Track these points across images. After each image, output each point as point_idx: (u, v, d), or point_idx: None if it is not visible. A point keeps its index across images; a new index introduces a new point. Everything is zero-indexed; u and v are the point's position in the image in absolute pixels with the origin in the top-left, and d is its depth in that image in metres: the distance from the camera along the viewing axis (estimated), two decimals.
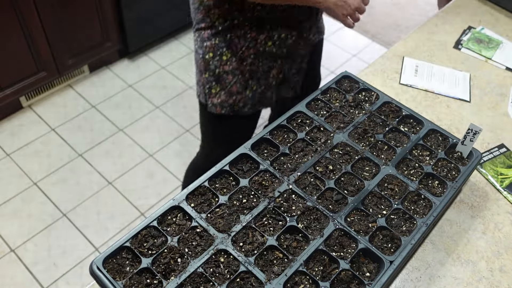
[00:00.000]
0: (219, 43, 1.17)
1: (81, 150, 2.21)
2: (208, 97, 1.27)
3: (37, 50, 2.13)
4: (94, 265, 0.71)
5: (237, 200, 0.81)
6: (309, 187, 0.84)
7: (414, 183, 0.86)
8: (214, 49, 1.19)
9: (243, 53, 1.17)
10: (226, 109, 1.26)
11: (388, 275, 0.73)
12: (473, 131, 0.88)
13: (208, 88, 1.25)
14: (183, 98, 2.52)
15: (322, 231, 0.78)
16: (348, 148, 0.91)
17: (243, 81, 1.22)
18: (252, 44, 1.16)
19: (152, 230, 0.76)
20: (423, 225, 0.80)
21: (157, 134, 2.32)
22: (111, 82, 2.56)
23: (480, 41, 1.31)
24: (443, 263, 0.84)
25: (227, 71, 1.20)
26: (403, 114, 0.99)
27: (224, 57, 1.19)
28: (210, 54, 1.20)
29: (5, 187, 2.04)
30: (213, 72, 1.22)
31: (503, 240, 0.88)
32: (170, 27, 2.75)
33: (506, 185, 0.97)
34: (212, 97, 1.26)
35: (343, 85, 1.05)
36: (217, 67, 1.21)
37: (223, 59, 1.19)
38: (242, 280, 0.71)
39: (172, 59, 2.74)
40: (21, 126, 2.29)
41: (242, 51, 1.17)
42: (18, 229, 1.90)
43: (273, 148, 0.91)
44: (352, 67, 2.78)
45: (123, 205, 2.02)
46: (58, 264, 1.82)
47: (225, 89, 1.23)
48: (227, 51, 1.18)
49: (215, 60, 1.20)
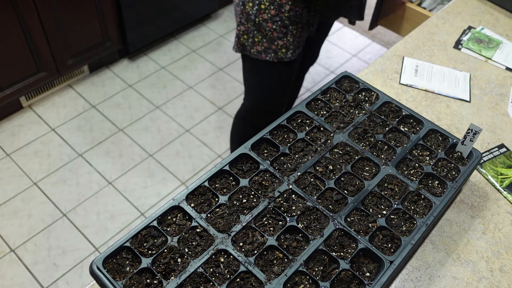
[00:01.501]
0: None
1: (81, 150, 2.21)
2: (252, 46, 1.37)
3: (37, 50, 2.13)
4: (94, 265, 0.71)
5: (237, 200, 0.81)
6: (309, 187, 0.84)
7: (414, 183, 0.86)
8: None
9: (280, 0, 1.24)
10: (270, 56, 1.36)
11: (388, 275, 0.73)
12: (473, 131, 0.88)
13: (252, 37, 1.35)
14: (183, 98, 2.52)
15: (322, 231, 0.78)
16: (348, 148, 0.91)
17: (283, 27, 1.30)
18: None
19: (152, 230, 0.76)
20: (423, 225, 0.80)
21: (157, 134, 2.33)
22: (111, 82, 2.56)
23: (480, 41, 1.31)
24: (443, 263, 0.84)
25: (266, 19, 1.29)
26: (403, 114, 0.99)
27: (263, 6, 1.27)
28: (250, 4, 1.28)
29: (5, 187, 2.04)
30: (253, 21, 1.31)
31: (503, 240, 0.88)
32: (170, 27, 2.75)
33: (506, 185, 0.97)
34: (256, 45, 1.36)
35: (343, 85, 1.05)
36: (256, 16, 1.29)
37: (262, 8, 1.27)
38: (242, 280, 0.71)
39: (172, 59, 2.74)
40: (21, 126, 2.29)
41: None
42: (18, 229, 1.90)
43: (273, 148, 0.91)
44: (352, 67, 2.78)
45: (123, 205, 2.02)
46: (58, 264, 1.82)
47: (266, 37, 1.32)
48: (265, 0, 1.25)
49: (254, 9, 1.28)
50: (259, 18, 1.29)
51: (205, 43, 2.86)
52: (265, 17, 1.29)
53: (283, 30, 1.31)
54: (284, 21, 1.29)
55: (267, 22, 1.30)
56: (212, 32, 2.94)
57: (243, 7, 1.31)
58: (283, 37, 1.32)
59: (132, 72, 2.62)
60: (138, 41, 2.61)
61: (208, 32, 2.94)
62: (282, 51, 1.35)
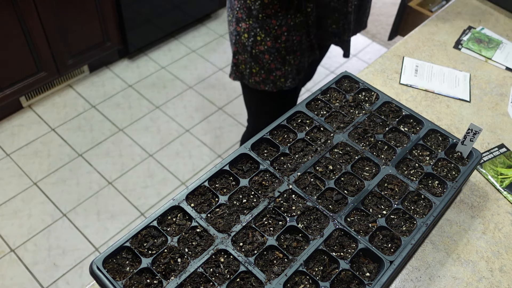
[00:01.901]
0: (253, 24, 1.21)
1: (81, 150, 2.21)
2: (250, 76, 1.33)
3: (37, 50, 2.13)
4: (94, 265, 0.71)
5: (237, 200, 0.81)
6: (309, 187, 0.84)
7: (414, 183, 0.86)
8: (249, 30, 1.22)
9: (276, 31, 1.21)
10: (269, 86, 1.32)
11: (388, 275, 0.73)
12: (473, 131, 0.88)
13: (249, 68, 1.31)
14: (183, 98, 2.52)
15: (322, 231, 0.78)
16: (348, 148, 0.91)
17: (280, 58, 1.26)
18: (284, 21, 1.19)
19: (152, 230, 0.76)
20: (423, 225, 0.80)
21: (157, 134, 2.33)
22: (111, 82, 2.56)
23: (480, 41, 1.31)
24: (443, 263, 0.84)
25: (263, 51, 1.25)
26: (403, 114, 0.99)
27: (259, 38, 1.23)
28: (245, 35, 1.24)
29: (5, 187, 2.04)
30: (250, 53, 1.27)
31: (503, 240, 0.88)
32: (170, 27, 2.75)
33: (506, 185, 0.97)
34: (254, 76, 1.32)
35: (343, 85, 1.05)
36: (253, 48, 1.25)
37: (258, 39, 1.23)
38: (242, 280, 0.71)
39: (172, 59, 2.74)
40: (21, 126, 2.29)
41: (275, 30, 1.20)
42: (18, 229, 1.90)
43: (273, 148, 0.91)
44: (352, 67, 2.78)
45: (123, 205, 2.02)
46: (58, 264, 1.82)
47: (264, 68, 1.29)
48: (261, 32, 1.22)
49: (249, 41, 1.24)
50: (256, 50, 1.25)
51: (205, 43, 2.86)
52: (261, 49, 1.24)
53: (280, 61, 1.26)
54: (281, 52, 1.24)
55: (264, 54, 1.25)
56: (212, 32, 2.94)
57: (239, 37, 1.27)
58: (281, 67, 1.28)
59: (132, 72, 2.62)
60: (138, 41, 2.61)
61: (208, 32, 2.94)
62: (281, 81, 1.31)
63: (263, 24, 1.20)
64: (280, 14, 1.18)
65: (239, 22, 1.24)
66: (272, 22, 1.19)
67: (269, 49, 1.24)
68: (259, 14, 1.18)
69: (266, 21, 1.19)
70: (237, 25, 1.25)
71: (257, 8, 1.17)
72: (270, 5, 1.16)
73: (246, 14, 1.20)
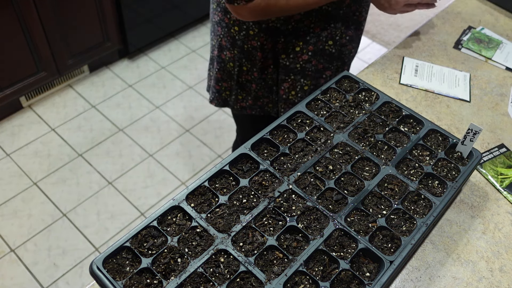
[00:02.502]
0: (238, 54, 1.15)
1: (81, 150, 2.21)
2: (235, 103, 1.27)
3: (37, 50, 2.13)
4: (94, 265, 0.71)
5: (237, 200, 0.81)
6: (309, 187, 0.84)
7: (414, 183, 0.86)
8: (234, 59, 1.17)
9: (262, 64, 1.16)
10: (256, 111, 1.27)
11: (388, 275, 0.73)
12: (473, 131, 0.88)
13: (234, 95, 1.25)
14: (183, 98, 2.52)
15: (322, 231, 0.78)
16: (348, 148, 0.91)
17: (267, 87, 1.21)
18: (270, 55, 1.14)
19: (152, 230, 0.76)
20: (423, 225, 0.80)
21: (157, 134, 2.33)
22: (111, 82, 2.56)
23: (480, 41, 1.31)
24: (443, 263, 0.84)
25: (250, 80, 1.20)
26: (403, 114, 0.99)
27: (245, 68, 1.18)
28: (231, 63, 1.19)
29: (5, 187, 2.04)
30: (236, 81, 1.21)
31: (503, 240, 0.88)
32: (170, 27, 2.75)
33: (506, 185, 0.97)
34: (240, 102, 1.26)
35: (343, 85, 1.04)
36: (239, 77, 1.20)
37: (244, 69, 1.18)
38: (242, 280, 0.71)
39: (172, 59, 2.74)
40: (21, 126, 2.29)
41: (261, 62, 1.15)
42: (18, 229, 1.90)
43: (273, 148, 0.91)
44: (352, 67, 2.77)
45: (123, 205, 2.02)
46: (58, 264, 1.82)
47: (251, 95, 1.23)
48: (247, 63, 1.16)
49: (235, 70, 1.19)
50: (242, 78, 1.20)
51: (205, 43, 2.86)
52: (248, 78, 1.19)
53: (268, 90, 1.22)
54: (268, 82, 1.19)
55: (251, 83, 1.20)
56: None
57: (223, 65, 1.21)
58: (269, 95, 1.23)
59: (132, 72, 2.62)
60: (138, 41, 2.61)
61: (208, 32, 2.94)
62: (269, 106, 1.26)
63: (248, 55, 1.14)
64: (266, 47, 1.11)
65: (223, 50, 1.18)
66: (258, 55, 1.13)
67: (256, 79, 1.19)
68: (244, 45, 1.12)
69: (252, 53, 1.13)
70: (221, 52, 1.19)
71: (242, 38, 1.11)
72: (256, 37, 1.10)
73: (231, 43, 1.14)
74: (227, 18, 1.11)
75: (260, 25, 1.08)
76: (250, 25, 1.09)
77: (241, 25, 1.10)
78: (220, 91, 1.28)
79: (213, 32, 1.21)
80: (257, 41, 1.11)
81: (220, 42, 1.18)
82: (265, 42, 1.11)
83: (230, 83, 1.24)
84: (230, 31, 1.12)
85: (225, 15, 1.11)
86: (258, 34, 1.09)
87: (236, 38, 1.12)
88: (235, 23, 1.10)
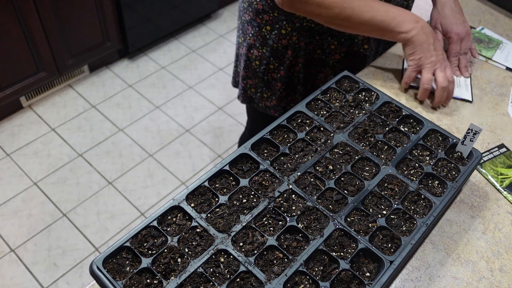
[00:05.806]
0: (267, 53, 1.16)
1: (81, 150, 2.21)
2: (260, 101, 1.28)
3: (37, 50, 2.13)
4: (94, 265, 0.71)
5: (237, 200, 0.81)
6: (309, 187, 0.84)
7: (414, 183, 0.86)
8: (261, 58, 1.17)
9: (290, 62, 1.16)
10: (279, 112, 1.28)
11: (388, 275, 0.73)
12: (473, 131, 0.88)
13: (260, 93, 1.27)
14: (183, 98, 2.52)
15: (322, 231, 0.78)
16: (348, 148, 0.91)
17: (292, 86, 1.22)
18: (301, 53, 1.14)
19: (152, 230, 0.76)
20: (423, 225, 0.80)
21: (157, 134, 2.33)
22: (111, 82, 2.56)
23: (480, 41, 1.31)
24: (443, 263, 0.84)
25: (276, 78, 1.21)
26: (403, 114, 0.99)
27: (271, 66, 1.18)
28: (257, 62, 1.19)
29: (5, 187, 2.04)
30: (261, 78, 1.22)
31: (503, 240, 0.88)
32: (170, 27, 2.76)
33: (506, 185, 0.97)
34: (265, 100, 1.27)
35: (343, 85, 1.04)
36: (265, 75, 1.21)
37: (270, 68, 1.18)
38: (242, 280, 0.71)
39: (172, 59, 2.74)
40: (21, 126, 2.29)
41: (290, 60, 1.16)
42: (18, 229, 1.90)
43: (273, 148, 0.91)
44: None
45: (123, 205, 2.02)
46: (58, 264, 1.82)
47: (275, 95, 1.24)
48: (274, 61, 1.17)
49: (261, 68, 1.19)
50: (268, 76, 1.21)
51: (205, 43, 2.86)
52: (274, 76, 1.20)
53: (292, 89, 1.23)
54: (294, 80, 1.20)
55: (277, 82, 1.21)
56: (212, 32, 2.94)
57: (249, 63, 1.22)
58: (293, 94, 1.24)
59: (132, 72, 2.62)
60: (138, 41, 2.61)
61: (208, 32, 2.94)
62: (291, 107, 1.26)
63: (277, 54, 1.15)
64: (298, 46, 1.12)
65: (251, 49, 1.19)
66: (288, 53, 1.14)
67: (282, 78, 1.20)
68: (274, 44, 1.13)
69: (281, 52, 1.14)
70: (248, 50, 1.20)
71: (273, 38, 1.12)
72: (287, 35, 1.11)
73: (260, 43, 1.15)
74: (259, 18, 1.13)
75: (293, 24, 1.09)
76: (283, 24, 1.10)
77: (273, 24, 1.11)
78: (245, 89, 1.30)
79: (241, 30, 1.22)
80: (288, 40, 1.12)
81: (249, 40, 1.19)
82: (297, 41, 1.12)
83: (255, 80, 1.26)
84: (261, 30, 1.14)
85: (257, 16, 1.13)
86: (290, 33, 1.10)
87: (267, 37, 1.14)
88: (267, 23, 1.12)
